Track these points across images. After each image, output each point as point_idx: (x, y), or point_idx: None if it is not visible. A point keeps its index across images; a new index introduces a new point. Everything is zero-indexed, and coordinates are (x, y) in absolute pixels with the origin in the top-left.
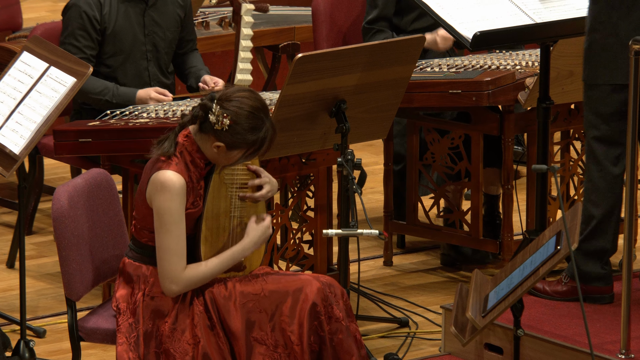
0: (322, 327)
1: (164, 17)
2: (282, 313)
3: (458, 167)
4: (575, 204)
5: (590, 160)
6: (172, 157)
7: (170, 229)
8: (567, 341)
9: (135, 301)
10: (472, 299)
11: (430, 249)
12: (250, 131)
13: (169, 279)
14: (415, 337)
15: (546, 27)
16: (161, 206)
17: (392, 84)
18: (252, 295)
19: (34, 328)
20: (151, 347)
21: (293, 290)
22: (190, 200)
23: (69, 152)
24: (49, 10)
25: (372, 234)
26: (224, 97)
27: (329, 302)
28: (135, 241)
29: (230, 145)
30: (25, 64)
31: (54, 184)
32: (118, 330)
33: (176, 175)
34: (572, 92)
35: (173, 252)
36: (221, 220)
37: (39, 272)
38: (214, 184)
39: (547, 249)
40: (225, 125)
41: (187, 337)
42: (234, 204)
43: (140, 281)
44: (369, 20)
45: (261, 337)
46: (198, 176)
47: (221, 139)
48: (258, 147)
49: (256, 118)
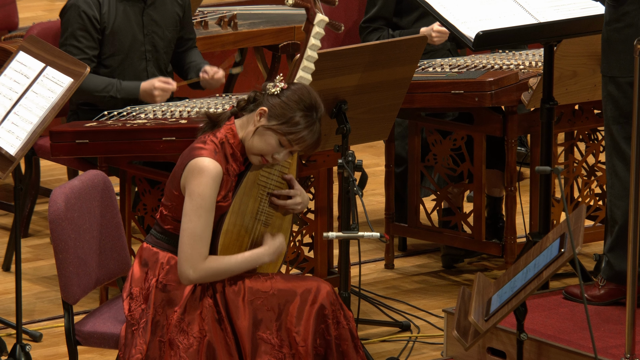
0: (328, 330)
1: (162, 17)
2: (289, 313)
3: (460, 169)
4: (579, 206)
5: (614, 157)
6: (212, 145)
7: (201, 213)
8: (571, 345)
9: (149, 287)
10: (474, 302)
11: (432, 252)
12: (300, 112)
13: (189, 263)
14: (417, 341)
15: (550, 26)
16: (195, 190)
17: (393, 84)
18: (261, 292)
19: (30, 332)
20: (157, 335)
21: (302, 291)
22: (222, 193)
23: (66, 153)
24: (45, 10)
25: (373, 237)
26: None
27: (337, 307)
28: (158, 226)
29: (273, 115)
30: (22, 64)
31: (51, 185)
32: (130, 316)
33: (214, 163)
34: (576, 93)
35: (199, 237)
36: (246, 219)
37: (35, 275)
38: (247, 182)
39: (550, 251)
40: (277, 88)
41: (194, 329)
42: (262, 208)
43: (155, 267)
44: (367, 18)
45: (267, 335)
46: (235, 170)
47: (268, 103)
48: (297, 138)
49: (310, 108)
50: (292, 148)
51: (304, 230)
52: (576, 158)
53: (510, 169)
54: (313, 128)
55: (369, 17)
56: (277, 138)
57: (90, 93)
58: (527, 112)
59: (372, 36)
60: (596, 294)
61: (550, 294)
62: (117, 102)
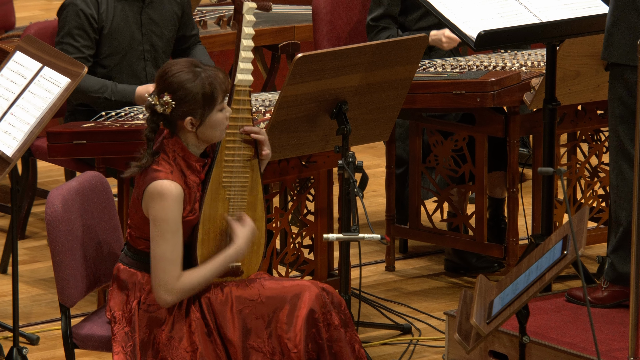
0: (320, 334)
1: (161, 16)
2: (279, 320)
3: (462, 170)
4: (582, 207)
5: (620, 158)
6: (166, 165)
7: (167, 237)
8: (574, 348)
9: (131, 309)
10: (476, 305)
11: (433, 254)
12: (193, 86)
13: (163, 288)
14: (418, 344)
15: (552, 26)
16: (158, 215)
17: (394, 84)
18: (249, 301)
19: (27, 335)
20: (148, 356)
21: (290, 296)
22: (188, 208)
23: (63, 154)
24: (42, 9)
25: (374, 239)
26: (155, 84)
27: (327, 309)
28: (130, 247)
29: (195, 113)
30: (18, 64)
31: (48, 187)
32: (114, 340)
33: (173, 183)
34: (578, 93)
35: (169, 260)
36: (217, 222)
37: (32, 278)
38: (212, 187)
39: (553, 254)
40: (171, 104)
41: (185, 344)
42: (233, 206)
43: (135, 289)
44: (374, 17)
45: (258, 344)
46: (197, 180)
47: (184, 116)
48: (215, 90)
49: (188, 73)
50: (221, 103)
51: (303, 232)
52: (579, 159)
53: (512, 170)
54: (210, 72)
55: (376, 15)
56: (214, 115)
57: (84, 93)
58: (530, 113)
59: (382, 35)
60: (599, 296)
61: (553, 297)
62: (112, 105)
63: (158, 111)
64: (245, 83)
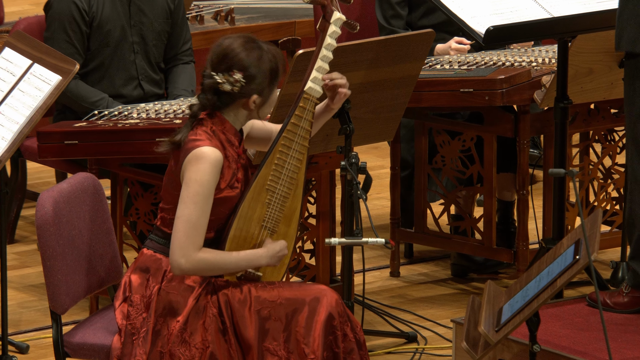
0: (337, 343)
1: (151, 7)
2: (298, 323)
3: (470, 171)
4: (595, 210)
5: (636, 161)
6: (205, 135)
7: (197, 200)
8: (586, 357)
9: (151, 294)
10: (484, 312)
11: (439, 259)
12: (262, 62)
13: (182, 251)
14: (424, 353)
15: (564, 21)
16: (192, 177)
17: (399, 82)
18: (268, 302)
19: (16, 343)
20: (157, 345)
21: (310, 299)
22: (227, 178)
23: (54, 155)
24: (32, 4)
25: (378, 243)
26: (216, 62)
27: (344, 319)
28: (159, 231)
29: (261, 90)
30: (7, 61)
31: (38, 189)
32: (130, 324)
33: (213, 149)
34: (591, 91)
35: (194, 225)
36: (252, 226)
37: (21, 284)
38: (256, 186)
39: (565, 259)
40: (241, 81)
41: (196, 340)
42: (270, 215)
43: (158, 274)
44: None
45: (273, 347)
46: (234, 156)
47: (251, 93)
48: (279, 67)
49: (253, 49)
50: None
51: (305, 236)
52: (592, 160)
53: (522, 172)
54: (272, 50)
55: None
56: (275, 92)
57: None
58: (540, 112)
59: None
60: (620, 302)
61: (565, 303)
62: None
63: (224, 89)
64: (314, 93)
